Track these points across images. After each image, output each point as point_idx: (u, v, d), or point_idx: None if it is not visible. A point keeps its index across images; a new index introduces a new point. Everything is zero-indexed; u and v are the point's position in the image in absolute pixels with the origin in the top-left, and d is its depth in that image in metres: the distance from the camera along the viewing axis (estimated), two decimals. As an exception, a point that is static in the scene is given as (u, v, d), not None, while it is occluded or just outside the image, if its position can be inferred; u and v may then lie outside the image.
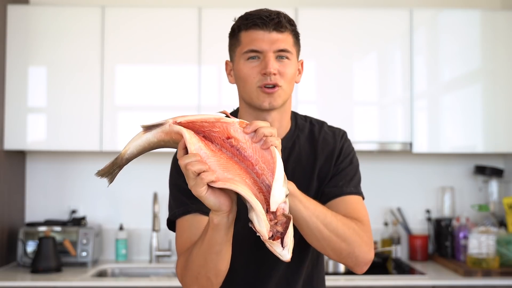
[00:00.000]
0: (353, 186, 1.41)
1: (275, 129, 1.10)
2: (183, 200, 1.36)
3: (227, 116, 1.11)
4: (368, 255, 1.31)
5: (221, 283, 1.25)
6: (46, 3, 3.32)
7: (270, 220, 1.01)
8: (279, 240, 1.00)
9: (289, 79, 1.36)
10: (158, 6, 3.37)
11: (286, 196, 1.04)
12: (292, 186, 1.19)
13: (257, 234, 1.00)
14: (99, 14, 3.05)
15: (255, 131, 1.08)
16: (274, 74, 1.33)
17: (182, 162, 1.04)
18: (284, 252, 1.00)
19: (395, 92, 3.12)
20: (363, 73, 3.12)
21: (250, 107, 1.40)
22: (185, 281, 1.28)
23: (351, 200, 1.39)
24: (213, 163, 1.06)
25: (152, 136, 1.11)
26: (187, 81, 3.06)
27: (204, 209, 1.26)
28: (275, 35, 1.34)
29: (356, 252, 1.29)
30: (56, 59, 3.05)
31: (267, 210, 1.02)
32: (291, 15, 3.02)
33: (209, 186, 1.04)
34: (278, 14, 1.36)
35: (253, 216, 1.00)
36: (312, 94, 3.09)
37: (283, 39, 1.35)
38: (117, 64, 3.06)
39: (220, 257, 1.19)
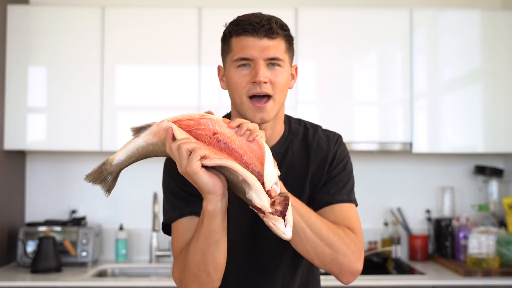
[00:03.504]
0: (345, 193, 1.37)
1: (256, 125, 1.14)
2: (177, 203, 1.34)
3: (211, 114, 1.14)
4: (354, 265, 1.27)
5: (220, 280, 1.24)
6: (46, 3, 3.32)
7: None
8: (281, 218, 1.02)
9: (281, 87, 1.32)
10: (158, 6, 3.37)
11: (278, 176, 1.08)
12: (279, 183, 1.18)
13: (258, 212, 1.02)
14: (99, 14, 3.05)
15: (238, 126, 1.12)
16: (265, 82, 1.29)
17: (174, 145, 1.06)
18: (287, 229, 1.02)
19: (395, 92, 3.12)
20: (363, 73, 3.12)
21: (241, 114, 1.36)
22: (184, 282, 1.26)
23: (342, 208, 1.35)
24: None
25: (140, 140, 1.13)
26: (187, 81, 3.06)
27: (199, 212, 1.23)
28: (266, 42, 1.29)
29: (341, 260, 1.25)
30: (56, 59, 3.05)
31: None
32: (291, 15, 3.02)
33: (202, 167, 1.06)
34: (270, 19, 1.31)
35: (252, 194, 1.03)
36: (312, 94, 3.09)
37: (275, 46, 1.30)
38: (117, 64, 3.06)
39: (218, 248, 1.18)
